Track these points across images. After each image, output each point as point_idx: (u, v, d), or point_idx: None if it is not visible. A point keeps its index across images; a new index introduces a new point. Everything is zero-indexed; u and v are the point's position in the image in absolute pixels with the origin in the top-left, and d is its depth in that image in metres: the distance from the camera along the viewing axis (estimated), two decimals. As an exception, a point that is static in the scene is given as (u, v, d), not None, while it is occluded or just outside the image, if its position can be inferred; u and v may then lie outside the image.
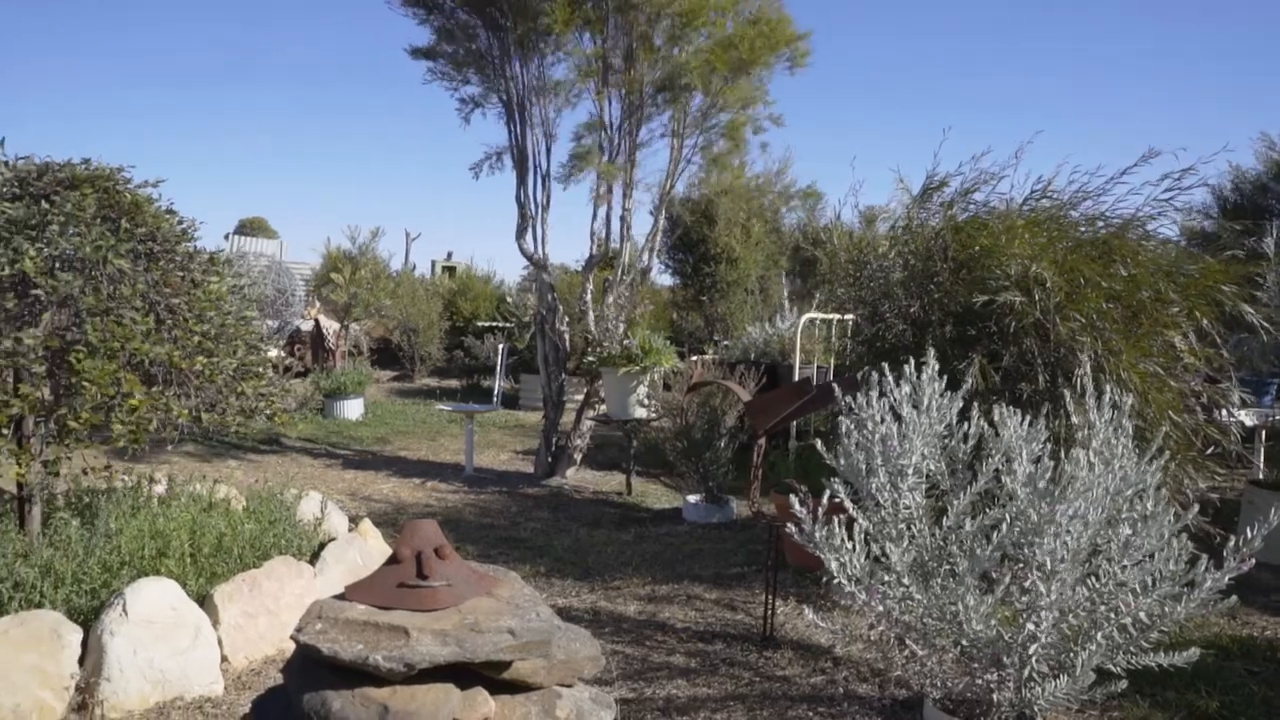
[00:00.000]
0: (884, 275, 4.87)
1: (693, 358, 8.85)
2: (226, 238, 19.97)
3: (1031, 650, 2.72)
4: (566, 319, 8.12)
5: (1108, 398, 2.96)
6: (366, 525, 4.71)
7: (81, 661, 3.13)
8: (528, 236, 7.84)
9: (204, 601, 3.54)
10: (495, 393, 10.08)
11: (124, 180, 3.77)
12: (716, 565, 5.18)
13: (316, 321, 14.26)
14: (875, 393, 3.09)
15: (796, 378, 7.99)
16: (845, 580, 2.83)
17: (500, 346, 10.75)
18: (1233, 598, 2.65)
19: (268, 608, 3.66)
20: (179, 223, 3.86)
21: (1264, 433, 6.44)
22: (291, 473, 7.45)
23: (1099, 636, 2.65)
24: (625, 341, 7.37)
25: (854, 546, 2.84)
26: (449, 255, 24.06)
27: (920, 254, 4.66)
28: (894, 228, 5.03)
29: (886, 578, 2.86)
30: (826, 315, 8.11)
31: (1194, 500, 3.16)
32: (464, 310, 15.97)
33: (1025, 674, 2.76)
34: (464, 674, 1.89)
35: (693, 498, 6.48)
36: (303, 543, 4.20)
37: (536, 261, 7.92)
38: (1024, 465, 2.76)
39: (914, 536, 2.97)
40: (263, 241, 21.26)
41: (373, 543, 4.55)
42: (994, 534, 2.71)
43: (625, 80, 7.43)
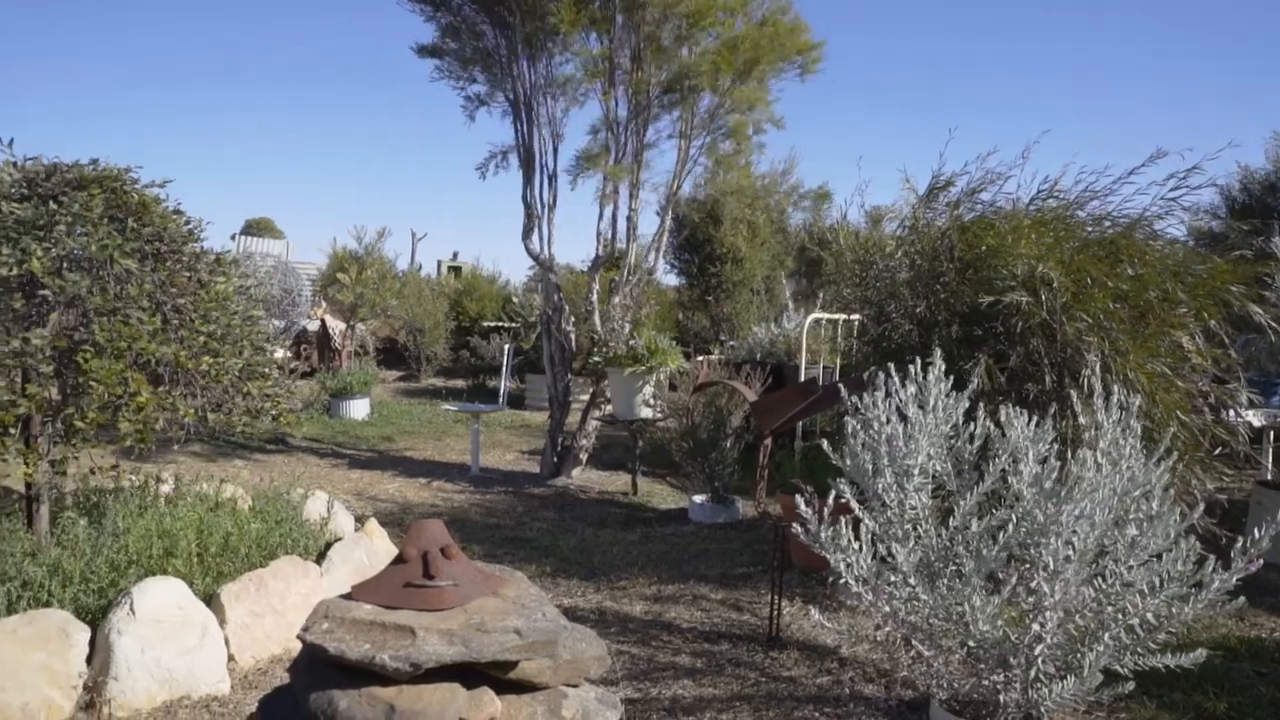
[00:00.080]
0: (890, 275, 4.87)
1: (698, 358, 8.83)
2: (233, 238, 20.01)
3: (1038, 651, 2.71)
4: (572, 319, 8.11)
5: (1116, 398, 2.96)
6: (372, 525, 4.72)
7: (89, 660, 3.15)
8: (534, 237, 7.84)
9: (211, 601, 3.55)
10: (501, 393, 10.07)
11: (131, 180, 3.78)
12: (722, 565, 5.17)
13: (323, 321, 14.29)
14: (881, 393, 3.09)
15: (802, 378, 7.98)
16: (851, 580, 2.82)
17: (506, 346, 10.74)
18: (1240, 599, 2.64)
19: (274, 607, 3.67)
20: (186, 223, 3.87)
21: (1272, 433, 6.42)
22: (298, 472, 7.47)
23: (1106, 637, 2.64)
24: (631, 342, 7.37)
25: (860, 547, 2.84)
26: (455, 255, 24.11)
27: (926, 254, 4.66)
28: (900, 227, 5.03)
29: (893, 578, 2.85)
30: (832, 315, 8.10)
31: (1201, 501, 3.15)
32: (470, 310, 15.97)
33: (1032, 675, 2.75)
34: (470, 674, 1.89)
35: (698, 498, 6.48)
36: (309, 542, 4.21)
37: (543, 262, 7.92)
38: (1030, 466, 2.75)
39: (920, 537, 2.96)
40: (269, 242, 21.29)
41: (379, 542, 4.56)
42: (1000, 534, 2.71)
43: (632, 81, 7.41)
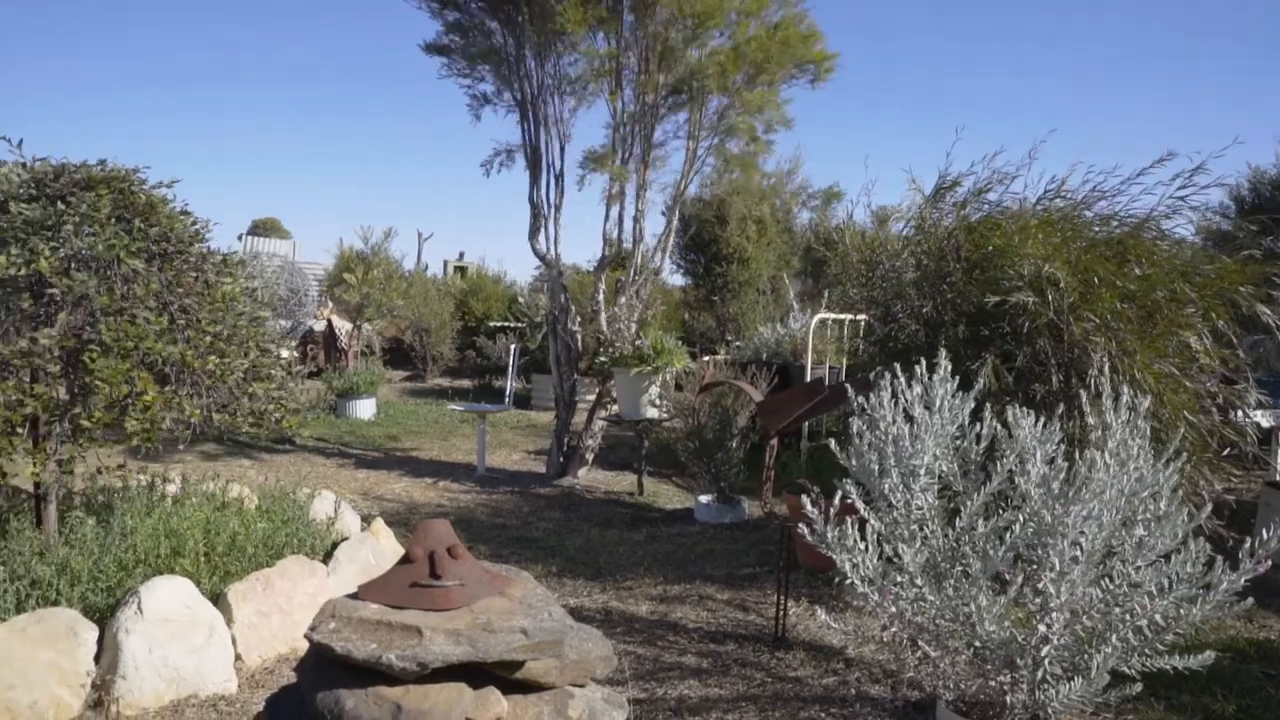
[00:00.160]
0: (896, 275, 4.86)
1: (704, 358, 8.84)
2: (240, 238, 20.08)
3: (1045, 652, 2.70)
4: (579, 319, 8.11)
5: (1125, 399, 2.95)
6: (379, 525, 4.72)
7: (97, 659, 3.16)
8: (540, 237, 7.84)
9: (218, 600, 3.56)
10: (507, 393, 10.07)
11: (139, 181, 3.78)
12: (728, 566, 5.17)
13: (329, 321, 14.33)
14: (887, 393, 3.09)
15: (809, 378, 7.97)
16: (858, 581, 2.82)
17: (512, 347, 10.75)
18: (1249, 600, 2.63)
19: (281, 606, 3.68)
20: (192, 223, 3.88)
21: (1281, 434, 6.40)
22: (304, 472, 7.49)
23: (1113, 638, 2.64)
24: (637, 342, 7.37)
25: (866, 547, 2.83)
26: (461, 255, 24.12)
27: (933, 254, 4.65)
28: (906, 227, 5.02)
29: (899, 578, 2.85)
30: (839, 315, 8.09)
31: (1209, 502, 3.13)
32: (476, 310, 15.99)
33: (1039, 676, 2.74)
34: (477, 673, 1.89)
35: (704, 498, 6.47)
36: (316, 542, 4.21)
37: (549, 262, 7.92)
38: (1038, 466, 2.74)
39: (926, 537, 2.96)
40: (276, 242, 21.36)
41: (385, 542, 4.56)
42: (1007, 535, 2.70)
43: (639, 81, 7.40)
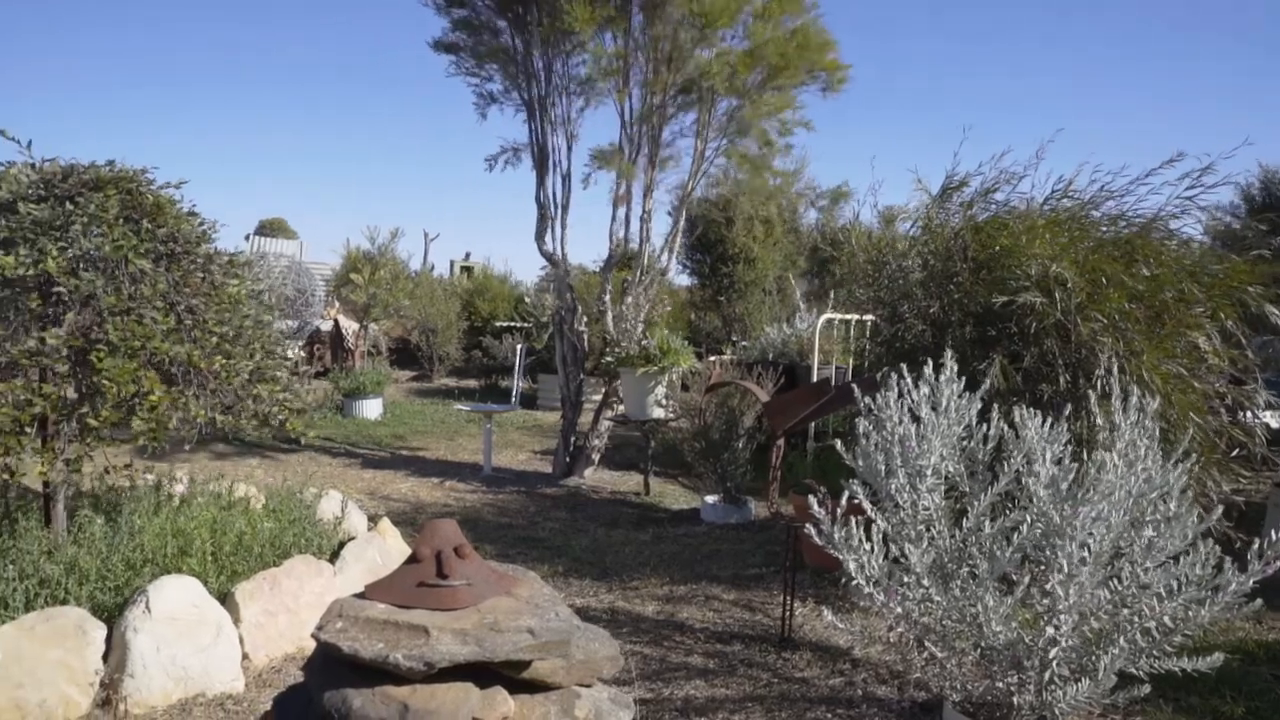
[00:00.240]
0: (903, 276, 4.86)
1: (711, 358, 8.84)
2: (247, 238, 20.10)
3: (1052, 654, 2.69)
4: (585, 319, 8.11)
5: (1133, 399, 2.94)
6: (385, 524, 4.73)
7: (105, 658, 3.17)
8: (547, 237, 7.85)
9: (225, 599, 3.57)
10: (513, 393, 10.09)
11: (147, 182, 3.80)
12: (734, 566, 5.17)
13: (336, 321, 14.36)
14: (894, 393, 3.08)
15: (815, 378, 7.97)
16: (864, 581, 2.81)
17: (518, 346, 10.77)
18: (1257, 601, 2.62)
19: (288, 606, 3.69)
20: (200, 224, 3.89)
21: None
22: (311, 472, 7.51)
23: (1121, 640, 2.63)
24: (643, 342, 7.37)
25: (872, 548, 2.83)
26: (467, 255, 24.14)
27: (940, 254, 4.64)
28: (913, 228, 5.01)
29: (905, 579, 2.84)
30: (845, 315, 8.08)
31: (1218, 503, 3.12)
32: (482, 310, 16.00)
33: (1046, 677, 2.73)
34: (483, 673, 1.89)
35: (711, 498, 6.47)
36: (322, 541, 4.22)
37: (556, 262, 7.92)
38: (1046, 467, 2.74)
39: (933, 538, 2.95)
40: (283, 242, 21.39)
41: (392, 542, 4.57)
42: (1014, 535, 2.69)
43: (647, 81, 7.37)
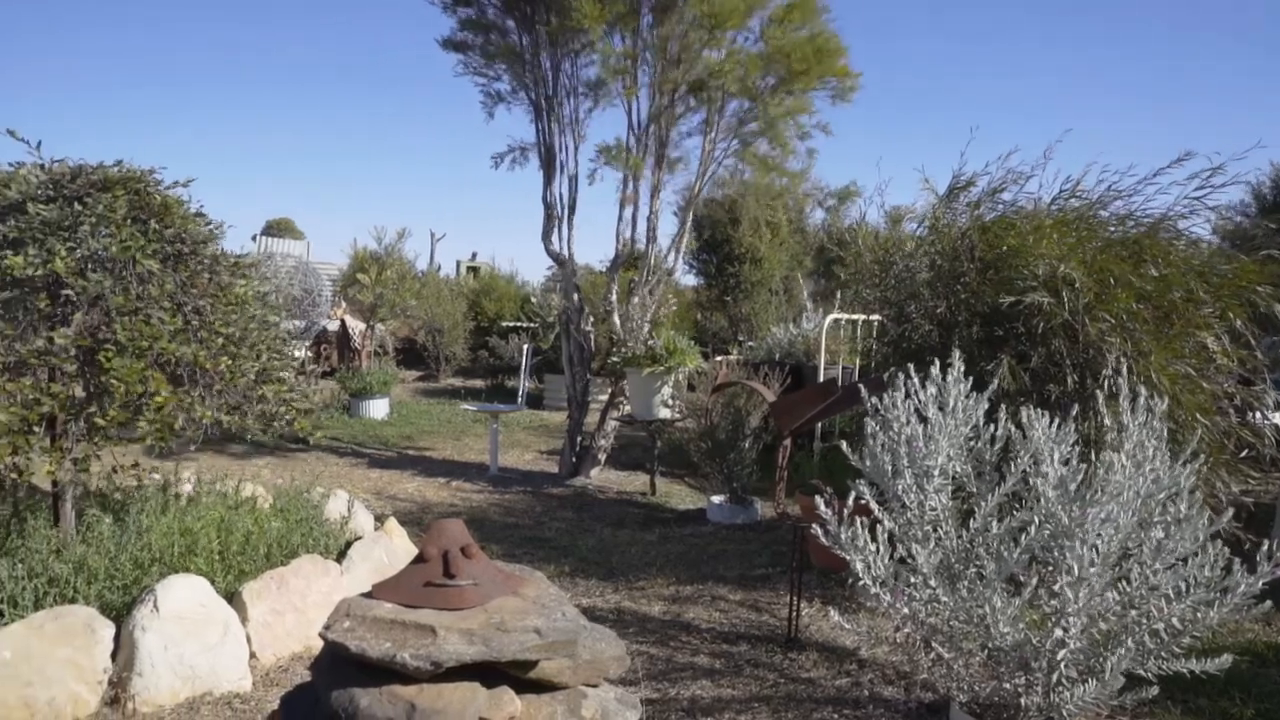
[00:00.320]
0: (910, 276, 4.85)
1: (717, 358, 8.83)
2: (254, 239, 20.17)
3: (1060, 656, 2.68)
4: (591, 319, 8.10)
5: (1141, 400, 2.92)
6: (392, 524, 4.74)
7: (114, 656, 3.19)
8: (554, 237, 7.84)
9: (232, 599, 3.58)
10: (520, 393, 10.09)
11: (154, 182, 3.81)
12: (741, 566, 5.16)
13: (342, 322, 14.38)
14: (901, 394, 3.08)
15: (822, 378, 7.95)
16: (870, 582, 2.81)
17: (525, 346, 10.77)
18: (1267, 603, 2.61)
19: (295, 605, 3.70)
20: (207, 224, 3.90)
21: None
22: (318, 471, 7.52)
23: (1129, 641, 2.62)
24: (650, 342, 7.36)
25: (879, 548, 2.82)
26: (474, 255, 24.17)
27: (947, 254, 4.63)
28: (920, 228, 5.00)
29: (912, 579, 2.84)
30: (852, 315, 8.07)
31: (1227, 504, 3.11)
32: (488, 310, 16.01)
33: (1054, 678, 2.73)
34: (490, 673, 1.89)
35: (717, 498, 6.47)
36: (329, 541, 4.23)
37: (562, 262, 7.92)
38: (1054, 467, 2.73)
39: (940, 538, 2.94)
40: (290, 242, 21.48)
41: (398, 541, 4.58)
42: (1022, 536, 2.68)
43: (655, 80, 7.35)
